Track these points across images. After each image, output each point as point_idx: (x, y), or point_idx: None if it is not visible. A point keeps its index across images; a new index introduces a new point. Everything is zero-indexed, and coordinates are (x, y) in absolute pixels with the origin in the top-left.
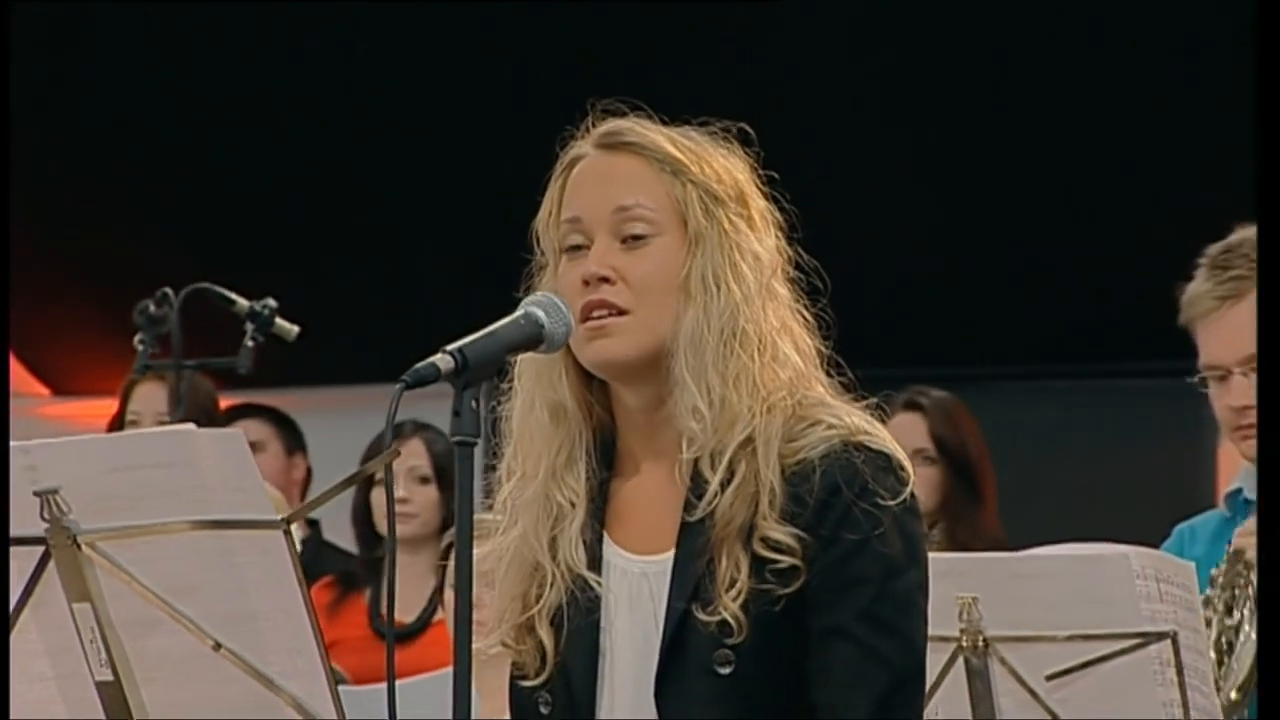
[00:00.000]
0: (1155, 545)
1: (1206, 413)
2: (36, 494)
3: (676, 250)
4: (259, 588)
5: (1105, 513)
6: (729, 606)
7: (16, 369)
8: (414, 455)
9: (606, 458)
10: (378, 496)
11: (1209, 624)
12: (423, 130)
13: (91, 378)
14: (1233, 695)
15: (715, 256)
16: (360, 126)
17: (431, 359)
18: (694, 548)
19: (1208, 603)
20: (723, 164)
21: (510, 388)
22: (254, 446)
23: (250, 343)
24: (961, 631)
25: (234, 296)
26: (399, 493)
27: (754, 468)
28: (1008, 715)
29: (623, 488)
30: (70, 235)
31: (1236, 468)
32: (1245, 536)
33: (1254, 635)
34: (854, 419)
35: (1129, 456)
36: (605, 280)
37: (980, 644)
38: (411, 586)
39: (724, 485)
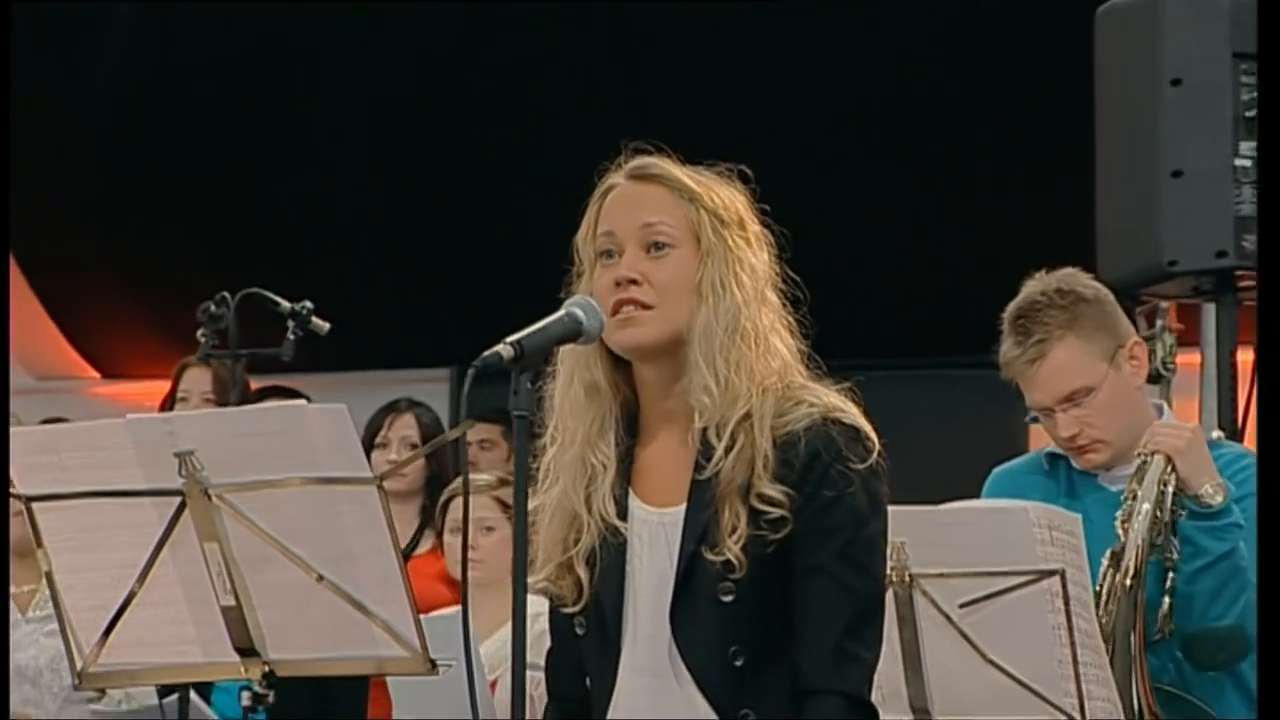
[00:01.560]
0: None
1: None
2: (176, 455)
3: (691, 261)
4: (356, 532)
5: (947, 477)
6: (731, 549)
7: (72, 355)
8: (406, 426)
9: (631, 428)
10: (377, 458)
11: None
12: (412, 161)
13: (135, 363)
14: (1128, 582)
15: (721, 267)
16: (367, 156)
17: (495, 349)
18: (702, 501)
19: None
20: (727, 194)
21: (553, 371)
22: None
23: (291, 336)
24: (891, 569)
25: (279, 299)
26: (392, 455)
27: (751, 437)
28: (928, 637)
29: (644, 452)
30: (119, 244)
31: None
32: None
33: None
34: (831, 399)
35: (961, 432)
36: (634, 282)
37: (907, 579)
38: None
39: (727, 451)
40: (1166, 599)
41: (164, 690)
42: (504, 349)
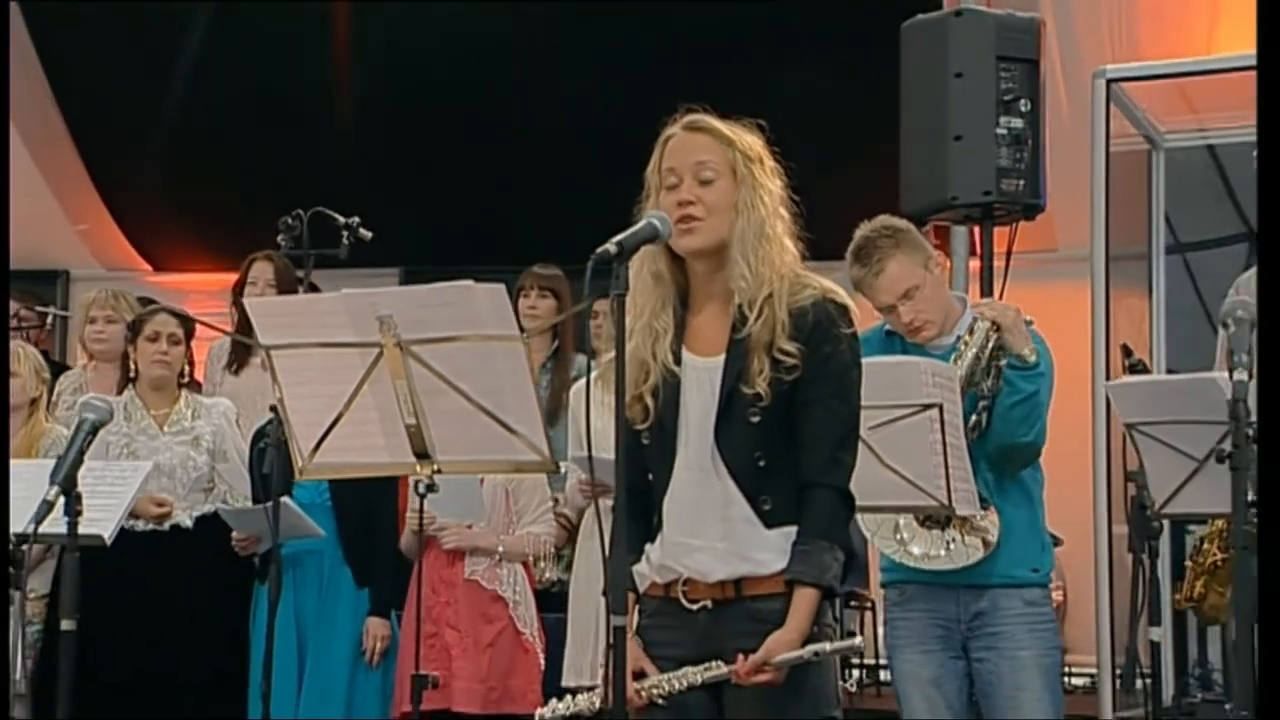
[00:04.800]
0: None
1: None
2: (378, 318)
3: (729, 188)
4: (505, 373)
5: None
6: (759, 384)
7: (131, 252)
8: None
9: (683, 303)
10: None
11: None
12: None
13: (177, 261)
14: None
15: (750, 192)
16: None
17: (605, 246)
18: (739, 352)
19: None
20: (751, 139)
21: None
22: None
23: (346, 242)
24: None
25: (337, 216)
26: None
27: (773, 310)
28: None
29: (693, 321)
30: (170, 172)
31: None
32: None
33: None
34: (826, 284)
35: None
36: (690, 203)
37: None
38: None
39: (756, 319)
40: (974, 417)
41: (259, 497)
42: (611, 247)
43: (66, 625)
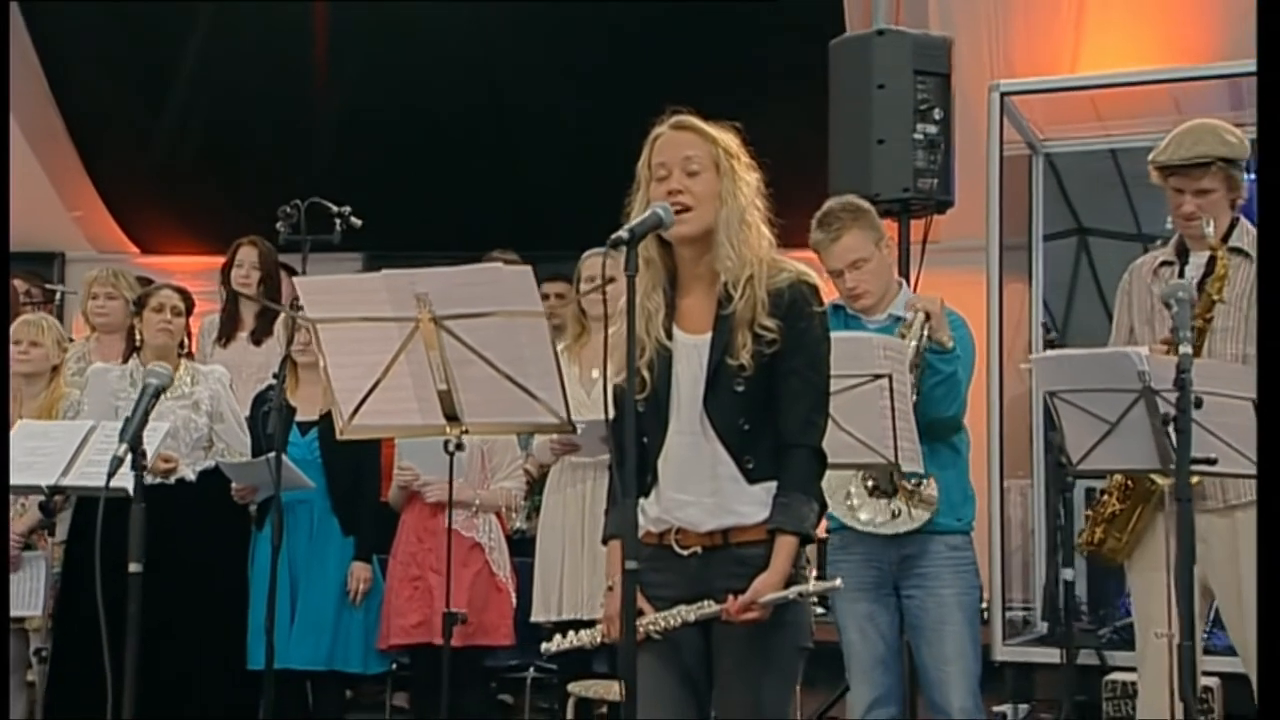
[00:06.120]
0: None
1: None
2: (415, 295)
3: (713, 180)
4: (529, 344)
5: None
6: (743, 357)
7: (121, 237)
8: None
9: (672, 285)
10: None
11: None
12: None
13: (163, 244)
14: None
15: (731, 184)
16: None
17: (618, 233)
18: (724, 328)
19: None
20: (730, 137)
21: None
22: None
23: (339, 229)
24: None
25: (332, 205)
26: None
27: (754, 289)
28: None
29: (682, 301)
30: (158, 165)
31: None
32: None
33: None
34: (800, 267)
35: None
36: (679, 193)
37: None
38: None
39: (740, 298)
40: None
41: (257, 450)
42: (624, 234)
43: (134, 568)
